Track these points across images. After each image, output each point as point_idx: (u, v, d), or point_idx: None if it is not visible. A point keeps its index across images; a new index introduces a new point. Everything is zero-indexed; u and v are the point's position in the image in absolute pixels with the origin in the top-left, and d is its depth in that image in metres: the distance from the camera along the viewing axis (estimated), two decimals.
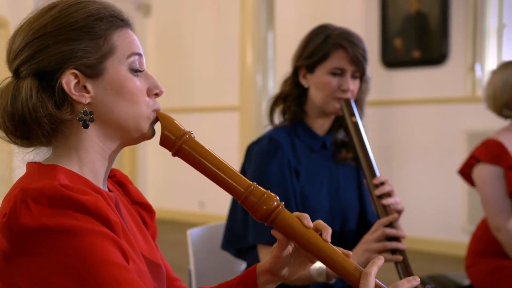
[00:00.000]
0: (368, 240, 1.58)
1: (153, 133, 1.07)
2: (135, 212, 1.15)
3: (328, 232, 1.03)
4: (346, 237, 1.81)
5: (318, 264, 1.60)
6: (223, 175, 1.04)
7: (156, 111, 1.06)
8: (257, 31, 5.07)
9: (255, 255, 1.73)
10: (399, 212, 1.65)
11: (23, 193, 0.92)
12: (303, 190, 1.75)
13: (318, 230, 1.04)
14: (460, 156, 4.58)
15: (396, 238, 1.57)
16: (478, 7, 5.00)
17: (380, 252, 1.56)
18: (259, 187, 1.05)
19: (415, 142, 5.32)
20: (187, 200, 6.81)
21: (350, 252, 1.05)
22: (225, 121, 6.52)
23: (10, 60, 1.03)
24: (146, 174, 7.23)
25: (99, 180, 1.05)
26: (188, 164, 1.05)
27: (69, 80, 0.99)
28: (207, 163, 1.04)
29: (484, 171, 2.24)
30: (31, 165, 1.02)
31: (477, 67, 5.00)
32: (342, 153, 1.83)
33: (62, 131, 1.01)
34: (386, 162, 5.29)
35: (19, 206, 0.90)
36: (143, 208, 1.18)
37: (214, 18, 6.75)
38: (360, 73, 1.78)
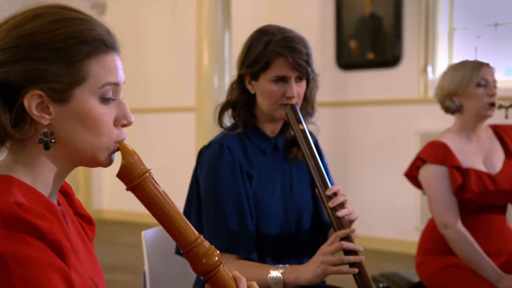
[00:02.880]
0: (325, 252, 1.58)
1: (110, 163, 1.04)
2: (78, 224, 1.14)
3: None
4: (301, 238, 1.83)
5: (275, 273, 1.61)
6: (172, 223, 1.04)
7: (119, 142, 1.03)
8: (213, 31, 5.07)
9: None
10: (352, 221, 1.66)
11: None
12: (256, 194, 1.75)
13: None
14: (413, 156, 4.66)
15: (354, 251, 1.59)
16: (430, 11, 5.12)
17: (337, 265, 1.57)
18: (205, 241, 1.06)
19: (369, 142, 5.41)
20: None
21: None
22: (181, 122, 6.50)
23: None
24: (102, 174, 7.14)
25: (51, 194, 1.03)
26: (139, 201, 1.04)
27: (32, 100, 0.96)
28: (158, 208, 1.04)
29: (430, 171, 2.31)
30: None
31: (429, 69, 5.11)
32: (293, 151, 1.83)
33: (19, 141, 0.99)
34: (340, 162, 5.36)
35: None
36: (84, 220, 1.16)
37: (170, 19, 6.72)
38: (306, 76, 1.76)
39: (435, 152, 2.31)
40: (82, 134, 0.99)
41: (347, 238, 1.59)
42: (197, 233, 1.05)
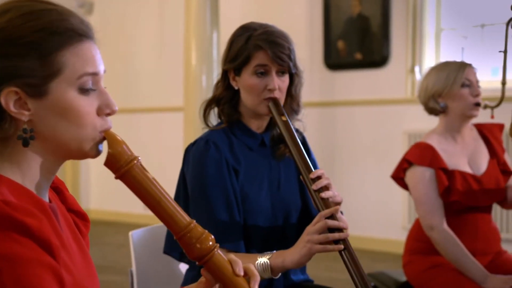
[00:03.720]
0: (310, 231, 1.59)
1: (97, 153, 1.03)
2: (71, 220, 1.13)
3: (256, 281, 1.04)
4: (289, 235, 1.83)
5: (263, 260, 1.61)
6: (163, 209, 1.03)
7: (105, 131, 1.02)
8: (201, 31, 5.06)
9: None
10: (338, 204, 1.67)
11: None
12: (243, 189, 1.76)
13: (247, 275, 1.05)
14: (401, 157, 4.68)
15: (339, 229, 1.59)
16: (417, 12, 5.14)
17: (322, 243, 1.57)
18: (198, 226, 1.04)
19: (357, 142, 5.42)
20: (131, 201, 6.69)
21: None
22: (169, 122, 6.48)
23: None
24: (89, 175, 7.11)
25: (41, 191, 1.02)
26: (129, 189, 1.03)
27: (8, 97, 0.95)
28: (149, 194, 1.03)
29: (417, 173, 2.31)
30: None
31: (417, 69, 5.14)
32: (280, 148, 1.83)
33: (2, 140, 0.98)
34: (328, 162, 5.37)
35: None
36: (78, 216, 1.15)
37: (158, 18, 6.70)
38: (288, 69, 1.77)
39: (422, 154, 2.32)
40: (64, 127, 0.98)
41: (332, 217, 1.59)
42: (189, 218, 1.04)
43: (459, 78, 2.30)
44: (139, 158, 1.03)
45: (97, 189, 7.09)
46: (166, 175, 6.49)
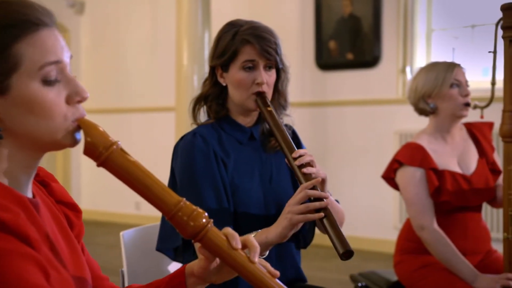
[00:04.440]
0: (291, 203, 1.60)
1: (74, 142, 0.99)
2: (59, 213, 1.11)
3: (255, 252, 1.02)
4: None
5: None
6: (150, 191, 0.99)
7: (79, 119, 0.98)
8: (193, 31, 5.06)
9: (191, 252, 1.72)
10: (323, 180, 1.68)
11: None
12: (233, 181, 1.76)
13: (245, 247, 1.03)
14: (392, 157, 4.70)
15: (320, 200, 1.59)
16: (409, 12, 5.16)
17: (303, 213, 1.58)
18: (188, 203, 1.01)
19: (348, 142, 5.43)
20: (123, 201, 6.71)
21: (277, 272, 1.04)
22: (161, 122, 6.47)
23: None
24: (80, 175, 7.09)
25: (21, 186, 1.00)
26: (114, 176, 1.00)
27: None
28: (134, 178, 0.99)
29: (408, 173, 2.32)
30: None
31: (408, 70, 5.15)
32: (271, 141, 1.84)
33: None
34: (319, 162, 5.34)
35: None
36: (68, 207, 1.13)
37: (150, 18, 6.69)
38: (275, 63, 1.78)
39: (412, 154, 2.33)
40: (33, 122, 0.95)
41: (313, 189, 1.60)
42: (178, 196, 1.00)
43: (448, 79, 2.31)
44: (119, 142, 0.99)
45: (88, 189, 7.06)
46: (158, 174, 6.48)
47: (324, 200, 1.59)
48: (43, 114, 0.95)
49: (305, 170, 1.63)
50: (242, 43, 1.74)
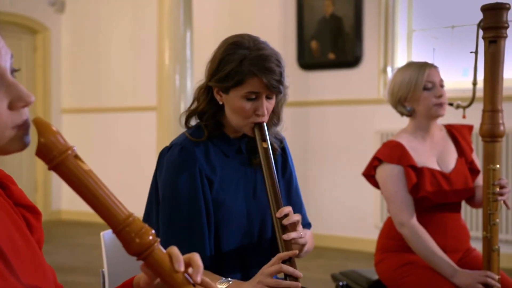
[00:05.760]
0: (264, 273, 1.59)
1: (21, 146, 0.95)
2: (18, 216, 1.07)
3: (199, 272, 0.99)
4: (264, 242, 1.83)
5: (221, 287, 1.63)
6: (99, 202, 0.95)
7: (34, 119, 0.93)
8: (175, 30, 5.05)
9: None
10: (303, 246, 1.68)
11: None
12: (218, 198, 1.74)
13: (189, 266, 1.00)
14: None
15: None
16: (389, 13, 5.20)
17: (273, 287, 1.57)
18: (138, 219, 0.97)
19: (330, 142, 5.46)
20: None
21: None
22: (142, 122, 6.45)
23: None
24: None
25: None
26: (65, 182, 0.96)
27: None
28: (84, 187, 0.95)
29: (387, 170, 2.36)
30: None
31: (389, 70, 5.19)
32: (257, 157, 1.81)
33: None
34: (301, 162, 5.39)
35: None
36: (28, 210, 1.10)
37: (132, 17, 6.66)
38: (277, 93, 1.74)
39: (391, 152, 2.36)
40: None
41: (289, 260, 1.59)
42: (129, 211, 0.97)
43: (420, 82, 2.35)
44: (74, 147, 0.95)
45: (68, 189, 6.95)
46: (138, 174, 6.45)
47: (298, 280, 1.58)
48: None
49: (285, 236, 1.61)
50: (249, 74, 1.67)
